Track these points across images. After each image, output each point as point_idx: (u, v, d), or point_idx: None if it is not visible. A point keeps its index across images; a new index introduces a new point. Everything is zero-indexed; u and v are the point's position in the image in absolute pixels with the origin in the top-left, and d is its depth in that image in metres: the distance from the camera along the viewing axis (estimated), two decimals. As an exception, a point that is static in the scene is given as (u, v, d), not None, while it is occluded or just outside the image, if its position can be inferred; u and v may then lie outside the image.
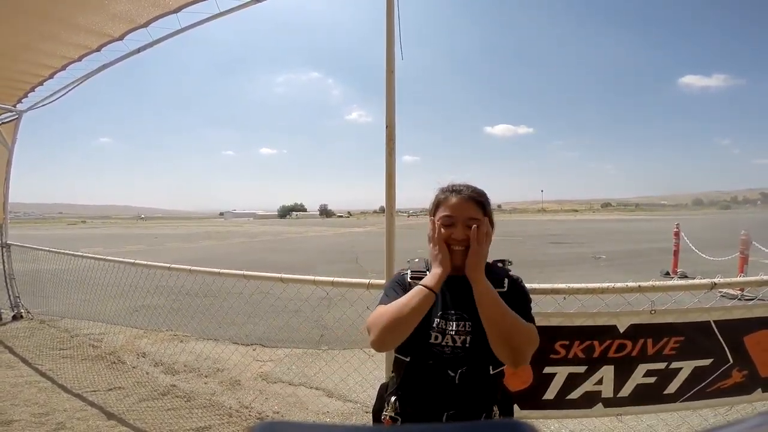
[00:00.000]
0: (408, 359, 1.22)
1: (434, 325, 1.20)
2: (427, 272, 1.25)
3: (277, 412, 2.94)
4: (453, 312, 1.21)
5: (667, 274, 8.51)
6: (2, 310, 5.30)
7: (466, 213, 1.21)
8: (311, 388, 3.37)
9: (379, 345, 1.16)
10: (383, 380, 1.47)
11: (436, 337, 1.19)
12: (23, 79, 4.15)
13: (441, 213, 1.24)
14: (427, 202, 1.33)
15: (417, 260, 1.36)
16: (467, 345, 1.17)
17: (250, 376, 3.57)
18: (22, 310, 5.43)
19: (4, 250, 5.49)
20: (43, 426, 2.63)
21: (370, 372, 3.03)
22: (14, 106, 4.91)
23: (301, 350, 4.32)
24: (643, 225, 38.04)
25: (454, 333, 1.18)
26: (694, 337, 1.79)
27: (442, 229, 1.21)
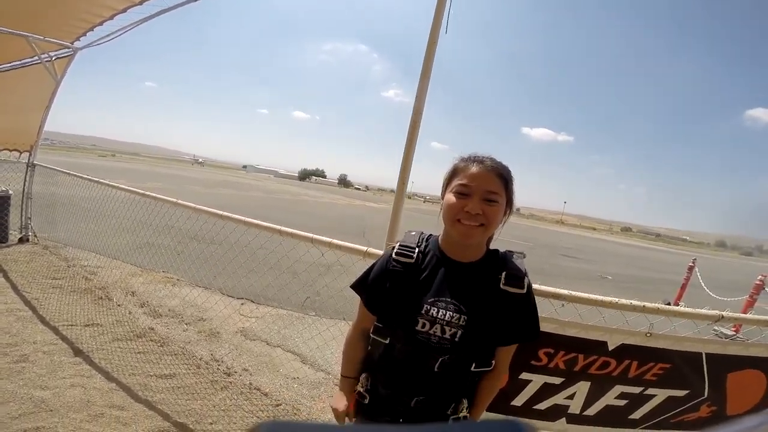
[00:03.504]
0: (387, 341, 1.14)
1: (423, 311, 1.09)
2: (417, 249, 1.16)
3: (246, 370, 2.93)
4: (449, 300, 1.09)
5: (668, 304, 8.26)
6: (11, 232, 5.39)
7: (485, 185, 1.05)
8: (287, 351, 3.36)
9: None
10: None
11: (424, 325, 1.09)
12: (85, 18, 4.22)
13: (457, 181, 1.08)
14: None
15: (413, 233, 1.23)
16: (456, 339, 1.08)
17: (230, 330, 3.58)
18: (30, 233, 5.55)
19: (29, 168, 5.58)
20: (5, 357, 2.58)
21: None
22: (72, 42, 5.02)
23: (286, 311, 4.31)
24: (659, 255, 37.08)
25: (445, 324, 1.08)
26: (680, 366, 1.69)
27: (454, 199, 1.07)
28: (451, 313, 1.08)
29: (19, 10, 3.92)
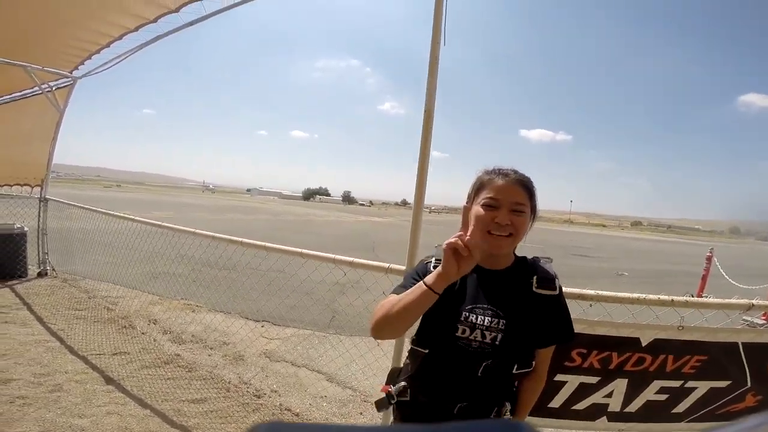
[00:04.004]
0: (426, 351, 1.17)
1: (462, 318, 1.12)
2: None
3: (275, 391, 2.93)
4: (486, 306, 1.13)
5: (692, 296, 8.13)
6: (29, 267, 5.49)
7: (512, 197, 1.10)
8: (313, 370, 3.36)
9: (375, 333, 1.12)
10: (387, 369, 1.43)
11: (464, 331, 1.11)
12: (82, 47, 4.31)
13: (484, 195, 1.12)
14: (452, 200, 1.23)
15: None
16: (497, 343, 1.10)
17: (255, 353, 3.59)
18: (48, 267, 5.64)
19: (42, 204, 5.71)
20: (40, 387, 2.65)
21: (376, 360, 2.99)
22: (71, 72, 5.13)
23: (308, 331, 4.33)
24: (673, 247, 36.57)
25: (484, 329, 1.11)
26: (718, 357, 1.67)
27: (483, 211, 1.10)
28: (489, 318, 1.11)
29: (15, 39, 3.97)
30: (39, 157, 5.67)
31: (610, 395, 1.71)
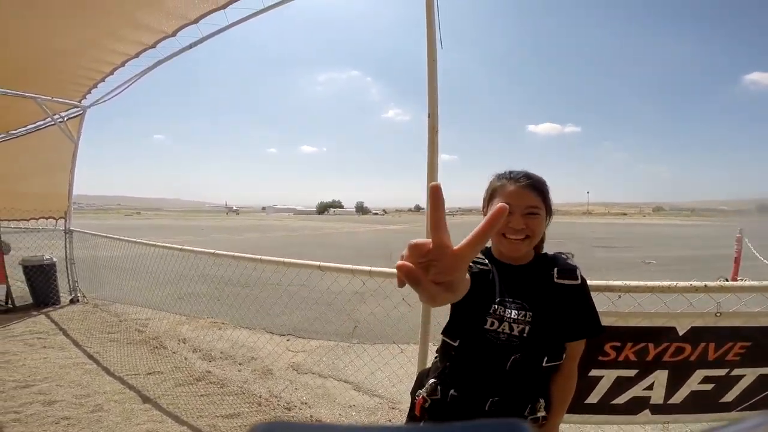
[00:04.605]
0: (457, 343, 1.17)
1: (491, 311, 1.14)
2: (487, 261, 1.20)
3: (305, 403, 2.94)
4: (512, 300, 1.14)
5: (726, 280, 7.82)
6: (61, 294, 5.71)
7: (525, 201, 1.13)
8: (340, 380, 3.36)
9: None
10: (413, 375, 1.42)
11: (492, 323, 1.13)
12: (87, 75, 4.46)
13: (497, 201, 1.13)
14: (465, 200, 1.25)
15: None
16: (525, 335, 1.11)
17: (282, 366, 3.61)
18: (79, 295, 5.84)
19: (67, 235, 5.91)
20: (82, 407, 2.75)
21: (401, 367, 3.00)
22: (79, 101, 5.32)
23: (332, 342, 4.33)
24: (699, 230, 35.38)
25: (512, 321, 1.12)
26: (762, 342, 1.59)
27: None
28: (516, 311, 1.12)
29: (23, 70, 4.12)
30: (60, 188, 5.87)
31: (651, 387, 1.66)
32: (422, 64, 2.24)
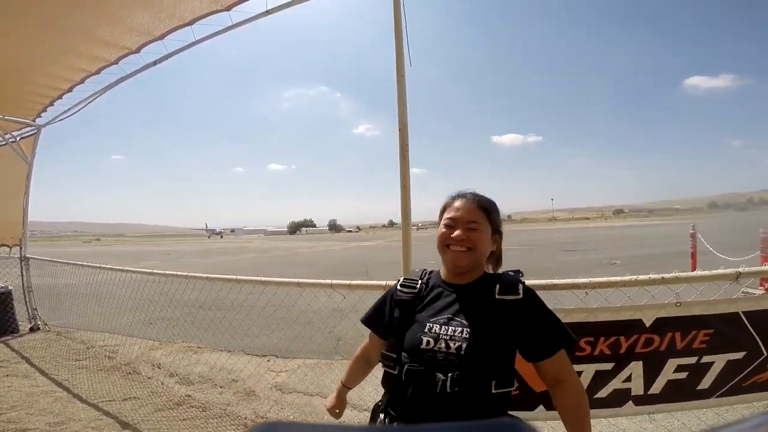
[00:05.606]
0: (395, 371, 1.19)
1: (426, 329, 1.17)
2: (420, 281, 1.30)
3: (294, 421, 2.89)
4: (452, 317, 1.17)
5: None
6: (20, 323, 5.39)
7: (467, 216, 1.24)
8: (326, 397, 3.31)
9: None
10: None
11: (428, 342, 1.14)
12: (43, 93, 4.22)
13: (446, 216, 1.28)
14: (436, 213, 1.37)
15: (417, 270, 1.39)
16: (462, 352, 1.10)
17: (265, 387, 3.53)
18: (39, 322, 5.51)
19: (23, 263, 5.59)
20: None
21: (386, 378, 2.99)
22: (34, 120, 5.02)
23: (314, 360, 4.27)
24: (657, 230, 37.36)
25: (449, 339, 1.13)
26: (724, 329, 1.71)
27: (444, 229, 1.26)
28: (453, 328, 1.15)
29: None
30: (13, 215, 5.51)
31: (629, 379, 1.74)
32: (391, 80, 2.31)
